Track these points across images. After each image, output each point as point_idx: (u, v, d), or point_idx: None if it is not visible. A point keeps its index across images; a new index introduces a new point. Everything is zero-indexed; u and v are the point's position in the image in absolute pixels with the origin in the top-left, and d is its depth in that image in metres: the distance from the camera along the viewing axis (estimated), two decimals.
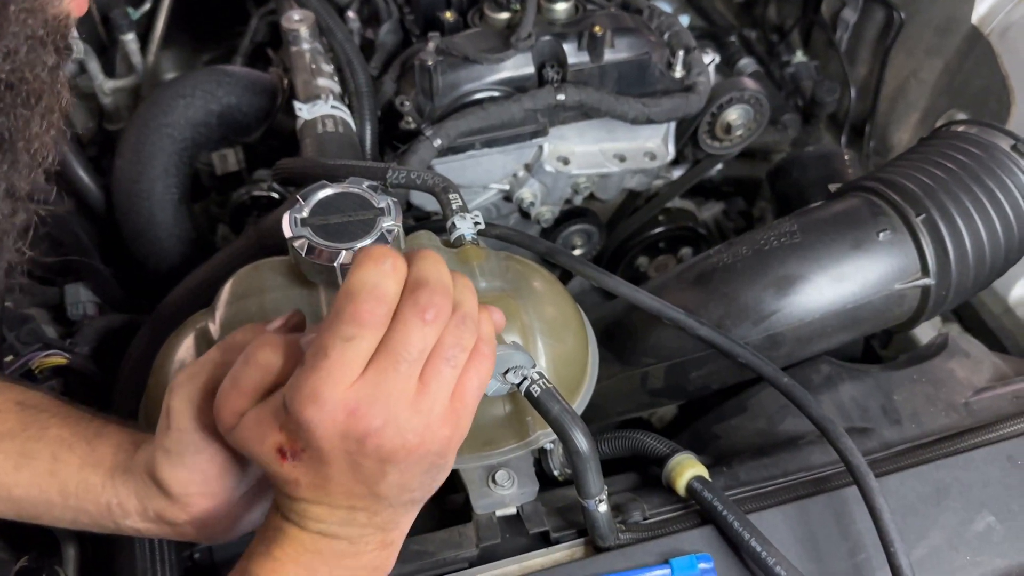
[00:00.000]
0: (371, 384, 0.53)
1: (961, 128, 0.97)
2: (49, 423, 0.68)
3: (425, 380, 0.54)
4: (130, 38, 1.42)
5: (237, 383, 0.58)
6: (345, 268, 0.75)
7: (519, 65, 1.12)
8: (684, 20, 1.32)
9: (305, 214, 0.77)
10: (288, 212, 0.77)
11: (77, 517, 0.68)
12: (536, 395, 0.69)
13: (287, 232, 0.76)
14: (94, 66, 1.39)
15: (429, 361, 0.54)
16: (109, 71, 1.44)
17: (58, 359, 0.92)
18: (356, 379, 0.53)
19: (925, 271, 0.88)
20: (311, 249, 0.75)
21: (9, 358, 0.91)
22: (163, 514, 0.66)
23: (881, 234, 0.87)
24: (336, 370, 0.52)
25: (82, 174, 1.12)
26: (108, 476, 0.66)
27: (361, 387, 0.53)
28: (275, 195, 1.22)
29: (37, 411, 0.68)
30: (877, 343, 1.24)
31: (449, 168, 1.15)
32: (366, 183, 0.79)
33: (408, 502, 0.60)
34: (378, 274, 0.53)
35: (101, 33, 1.45)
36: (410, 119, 1.11)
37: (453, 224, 0.85)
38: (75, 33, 1.33)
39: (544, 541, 0.81)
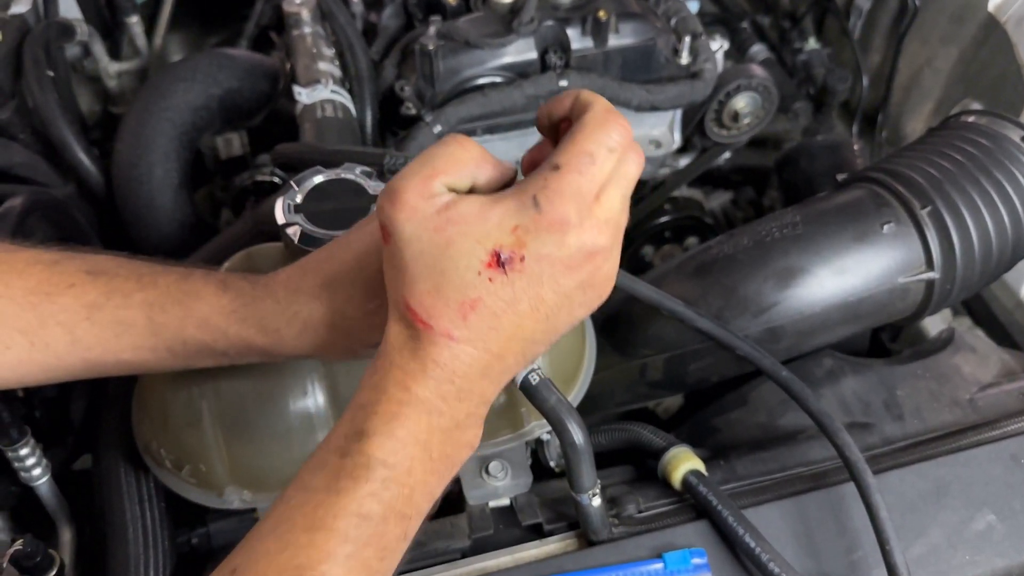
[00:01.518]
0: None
1: (971, 119, 0.95)
2: (128, 289, 0.67)
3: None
4: (135, 21, 1.42)
5: (434, 165, 0.53)
6: None
7: (521, 50, 1.11)
8: (695, 6, 1.30)
9: (299, 200, 0.76)
10: (282, 198, 0.76)
11: (192, 363, 0.69)
12: (532, 385, 0.69)
13: (280, 219, 0.76)
14: (99, 49, 1.39)
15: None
16: (115, 54, 1.44)
17: None
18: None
19: (930, 264, 0.86)
20: (304, 236, 0.74)
21: None
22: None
23: (885, 226, 0.86)
24: (598, 179, 0.52)
25: (83, 157, 1.12)
26: (213, 327, 0.66)
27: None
28: (277, 180, 1.21)
29: (109, 277, 0.67)
30: (886, 336, 1.22)
31: None
32: (361, 169, 0.79)
33: (529, 359, 0.58)
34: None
35: (106, 16, 1.45)
36: (410, 104, 1.10)
37: None
38: (80, 16, 1.33)
39: (537, 533, 0.81)
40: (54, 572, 0.81)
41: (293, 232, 0.75)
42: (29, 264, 0.67)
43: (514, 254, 0.52)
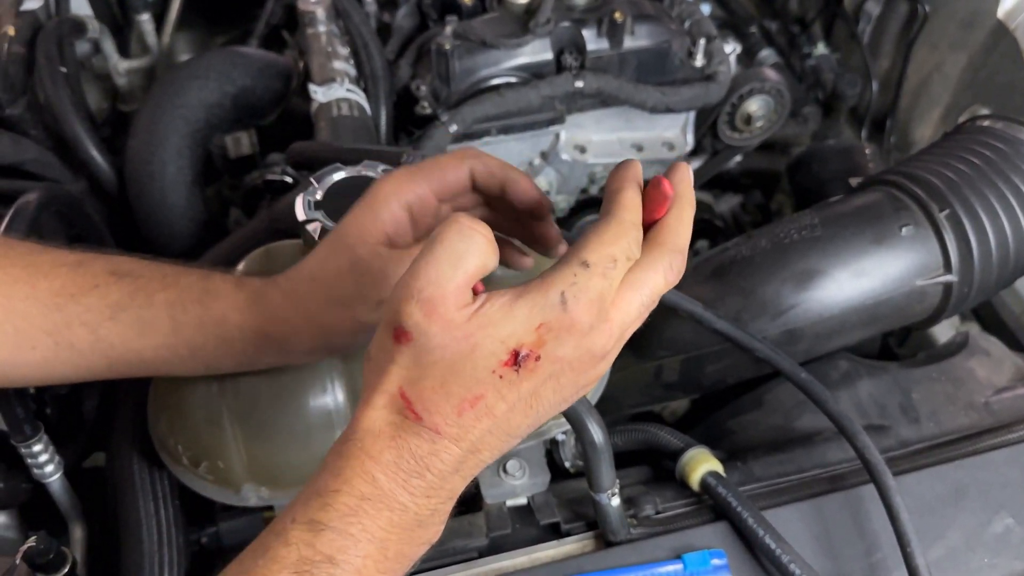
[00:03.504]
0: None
1: (986, 123, 0.95)
2: (151, 289, 0.67)
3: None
4: (145, 18, 1.41)
5: (466, 269, 0.52)
6: None
7: (537, 51, 1.11)
8: (705, 10, 1.30)
9: (318, 197, 0.76)
10: (301, 195, 0.76)
11: (213, 364, 0.69)
12: None
13: (300, 215, 0.75)
14: (109, 46, 1.38)
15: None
16: (124, 51, 1.44)
17: None
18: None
19: (947, 267, 0.86)
20: (324, 233, 0.74)
21: None
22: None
23: (903, 229, 0.86)
24: (616, 283, 0.52)
25: (94, 153, 1.11)
26: (229, 325, 0.67)
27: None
28: (288, 179, 1.21)
29: (133, 278, 0.68)
30: (894, 341, 1.22)
31: None
32: (380, 167, 0.78)
33: (503, 452, 0.57)
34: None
35: (116, 13, 1.45)
36: (426, 104, 1.10)
37: None
38: (91, 13, 1.33)
39: (555, 533, 0.80)
40: (66, 569, 0.80)
41: (313, 228, 0.75)
42: (54, 266, 0.68)
43: (531, 352, 0.51)
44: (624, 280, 0.53)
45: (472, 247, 0.52)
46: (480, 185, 0.67)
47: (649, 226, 0.56)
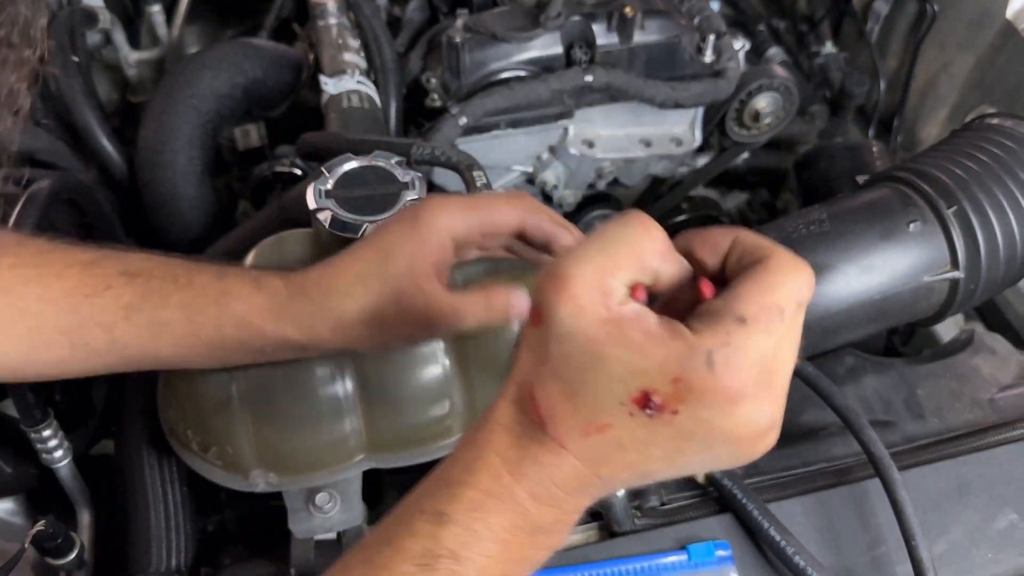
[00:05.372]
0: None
1: (995, 120, 0.95)
2: (166, 291, 0.67)
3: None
4: (156, 10, 1.42)
5: (615, 256, 0.46)
6: None
7: (547, 45, 1.11)
8: (714, 7, 1.30)
9: (330, 186, 0.77)
10: (313, 184, 0.77)
11: (230, 359, 0.69)
12: None
13: (311, 204, 0.76)
14: (120, 37, 1.39)
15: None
16: (134, 43, 1.44)
17: None
18: None
19: (955, 264, 0.86)
20: (335, 221, 0.75)
21: None
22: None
23: (911, 225, 0.86)
24: (781, 339, 0.45)
25: (105, 143, 1.12)
26: (250, 324, 0.66)
27: None
28: (297, 171, 1.21)
29: (146, 279, 0.68)
30: (898, 340, 1.22)
31: (473, 148, 1.14)
32: (396, 158, 0.79)
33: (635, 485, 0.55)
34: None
35: (127, 4, 1.45)
36: (436, 96, 1.11)
37: None
38: (102, 3, 1.33)
39: None
40: (74, 554, 0.81)
41: (324, 217, 0.75)
42: (67, 266, 0.68)
43: (667, 404, 0.45)
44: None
45: (630, 236, 0.47)
46: (527, 236, 0.66)
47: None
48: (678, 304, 0.49)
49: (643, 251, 0.47)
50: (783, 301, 0.45)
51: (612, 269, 0.46)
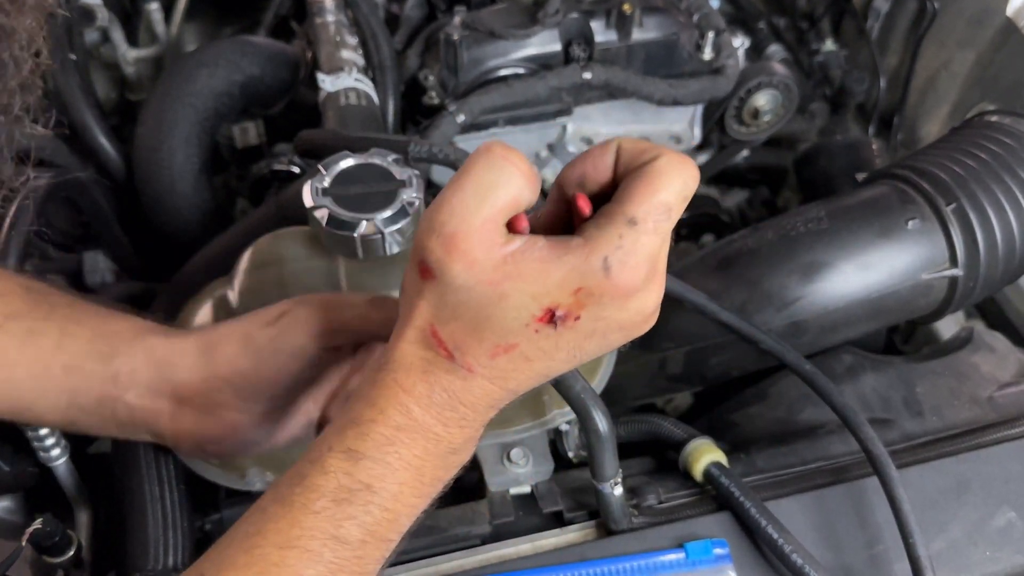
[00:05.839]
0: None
1: (994, 118, 0.95)
2: (57, 303, 0.66)
3: None
4: (154, 7, 1.41)
5: (494, 202, 0.47)
6: (365, 239, 0.75)
7: (545, 42, 1.11)
8: (713, 4, 1.30)
9: (326, 184, 0.77)
10: (310, 182, 0.76)
11: (74, 399, 0.66)
12: None
13: (308, 202, 0.76)
14: (118, 35, 1.38)
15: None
16: (132, 41, 1.44)
17: None
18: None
19: (953, 261, 0.86)
20: (332, 219, 0.74)
21: None
22: (179, 393, 0.64)
23: (910, 223, 0.86)
24: (668, 234, 0.49)
25: (103, 140, 1.12)
26: (125, 342, 0.65)
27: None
28: (295, 169, 1.21)
29: (45, 294, 0.67)
30: (898, 338, 1.22)
31: (471, 145, 1.14)
32: (393, 156, 0.79)
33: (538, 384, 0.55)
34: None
35: (125, 2, 1.45)
36: (433, 94, 1.11)
37: None
38: (100, 1, 1.33)
39: (557, 521, 0.81)
40: (71, 552, 0.81)
41: (321, 215, 0.75)
42: None
43: (569, 313, 0.48)
44: None
45: (503, 178, 0.48)
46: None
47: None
48: (560, 222, 0.53)
49: (517, 187, 0.48)
50: (671, 199, 0.48)
51: (494, 215, 0.48)
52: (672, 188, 0.48)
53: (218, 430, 0.65)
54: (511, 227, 0.50)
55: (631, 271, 0.48)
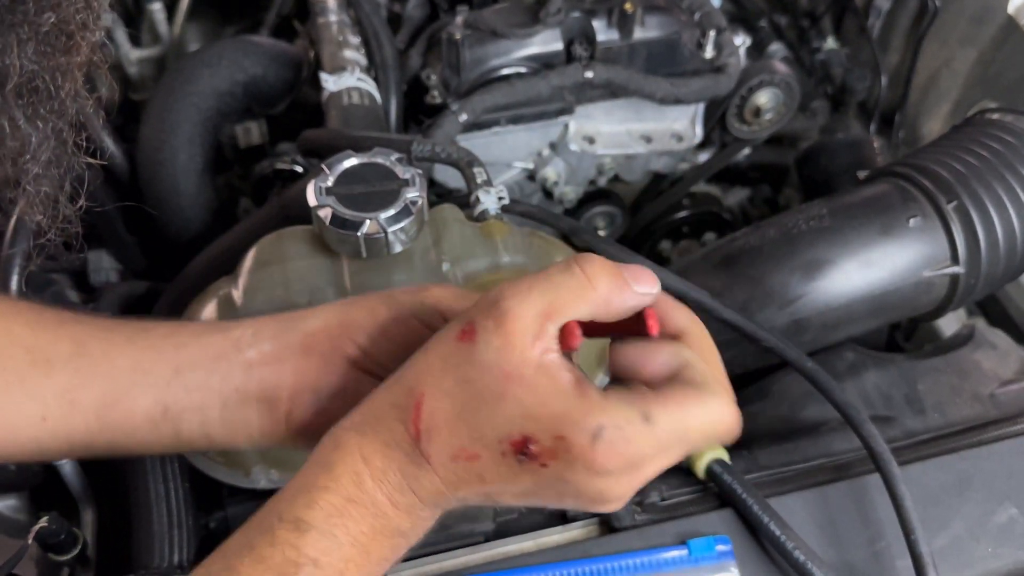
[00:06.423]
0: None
1: (995, 115, 0.95)
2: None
3: None
4: (157, 7, 1.42)
5: (554, 301, 0.48)
6: (368, 238, 0.75)
7: (547, 41, 1.11)
8: (715, 3, 1.30)
9: (330, 183, 0.77)
10: (313, 181, 0.77)
11: (179, 373, 0.61)
12: None
13: (312, 201, 0.76)
14: (121, 35, 1.39)
15: None
16: (135, 41, 1.44)
17: None
18: None
19: (955, 259, 0.86)
20: (336, 218, 0.75)
21: None
22: (308, 341, 0.60)
23: (911, 220, 0.86)
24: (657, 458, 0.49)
25: (107, 140, 1.12)
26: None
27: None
28: (298, 168, 1.21)
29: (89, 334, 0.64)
30: (900, 335, 1.22)
31: (473, 145, 1.14)
32: (392, 154, 0.79)
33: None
34: None
35: (128, 2, 1.45)
36: (436, 93, 1.11)
37: (477, 198, 0.85)
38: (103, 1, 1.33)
39: (560, 518, 0.81)
40: (77, 550, 0.81)
41: (324, 214, 0.76)
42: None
43: (540, 456, 0.47)
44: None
45: (569, 282, 0.49)
46: None
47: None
48: (620, 328, 0.52)
49: (586, 303, 0.49)
50: (694, 435, 0.49)
51: (550, 314, 0.48)
52: (700, 424, 0.49)
53: (342, 382, 0.60)
54: (564, 337, 0.49)
55: (614, 456, 0.47)
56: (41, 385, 0.61)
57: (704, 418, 0.49)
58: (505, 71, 1.11)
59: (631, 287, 0.50)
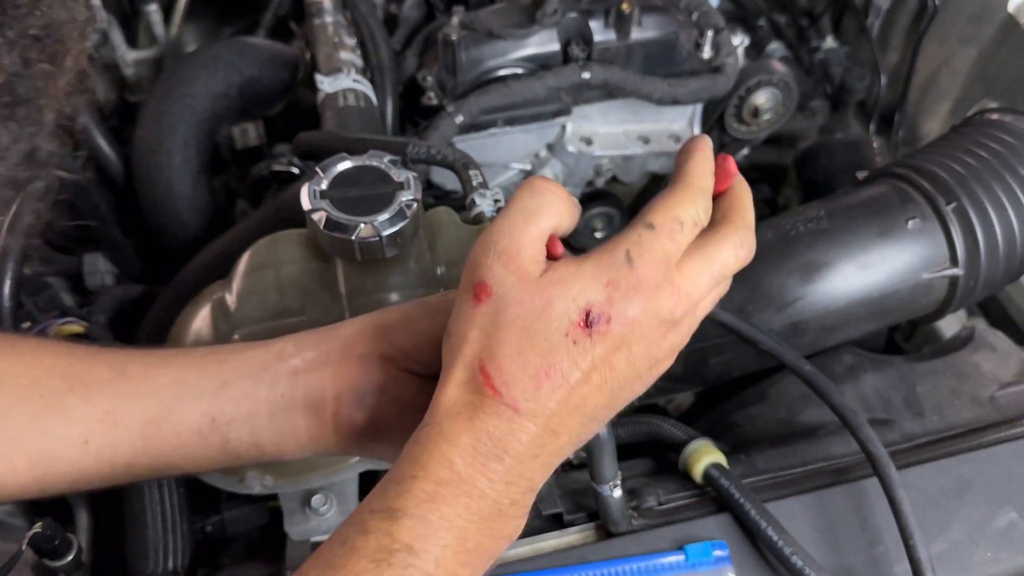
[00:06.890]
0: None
1: (994, 116, 0.95)
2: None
3: None
4: (153, 9, 1.41)
5: (540, 223, 0.53)
6: (363, 242, 0.75)
7: (544, 42, 1.11)
8: (713, 3, 1.30)
9: (324, 186, 0.77)
10: (307, 184, 0.76)
11: (225, 385, 0.61)
12: None
13: (306, 204, 0.76)
14: (117, 37, 1.38)
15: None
16: (132, 42, 1.44)
17: (75, 327, 0.92)
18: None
19: (954, 261, 0.86)
20: (330, 222, 0.74)
21: (27, 324, 0.91)
22: (346, 346, 0.61)
23: (910, 222, 0.86)
24: (683, 248, 0.54)
25: (102, 143, 1.12)
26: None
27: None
28: (295, 169, 1.21)
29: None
30: (900, 336, 1.22)
31: (470, 146, 1.14)
32: (387, 157, 0.79)
33: (582, 441, 0.56)
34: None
35: (124, 4, 1.45)
36: (432, 94, 1.10)
37: (473, 201, 0.84)
38: (99, 2, 1.33)
39: (557, 523, 0.80)
40: (72, 555, 0.81)
41: (318, 218, 0.75)
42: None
43: (602, 313, 0.51)
44: (693, 250, 0.54)
45: (544, 203, 0.53)
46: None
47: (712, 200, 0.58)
48: None
49: (557, 210, 0.54)
50: (684, 216, 0.54)
51: (539, 234, 0.53)
52: (684, 207, 0.54)
53: (382, 381, 0.60)
54: (549, 252, 0.54)
55: (650, 265, 0.52)
56: (81, 410, 0.61)
57: (685, 202, 0.54)
58: (502, 72, 1.11)
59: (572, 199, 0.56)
